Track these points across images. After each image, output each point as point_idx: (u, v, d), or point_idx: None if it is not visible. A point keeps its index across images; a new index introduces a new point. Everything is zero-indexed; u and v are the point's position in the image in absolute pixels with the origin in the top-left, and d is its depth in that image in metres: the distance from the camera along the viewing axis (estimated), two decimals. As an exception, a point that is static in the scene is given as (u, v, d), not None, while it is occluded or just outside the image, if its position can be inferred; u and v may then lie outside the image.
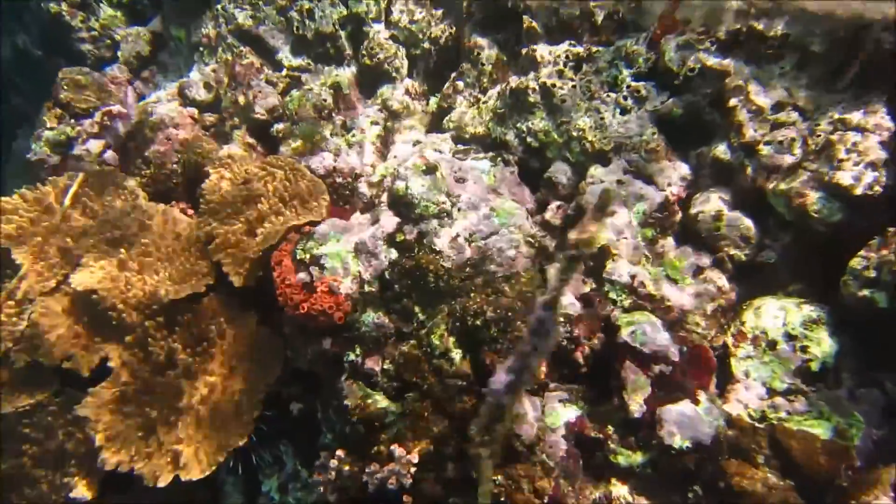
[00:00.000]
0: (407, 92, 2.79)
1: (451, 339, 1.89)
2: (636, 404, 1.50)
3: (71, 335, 2.50)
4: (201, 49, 3.11)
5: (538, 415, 1.63)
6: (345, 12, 2.88)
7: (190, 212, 2.79)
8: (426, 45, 2.79)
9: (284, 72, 2.90)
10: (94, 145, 2.97)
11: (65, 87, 3.14)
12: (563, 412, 1.59)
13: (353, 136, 2.62)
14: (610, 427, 1.52)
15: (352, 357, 2.08)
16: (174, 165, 2.82)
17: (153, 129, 2.92)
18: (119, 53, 3.39)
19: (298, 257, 2.21)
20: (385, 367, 2.04)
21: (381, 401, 1.99)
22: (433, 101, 2.79)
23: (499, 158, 2.22)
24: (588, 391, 1.67)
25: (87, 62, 3.46)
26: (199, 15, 3.17)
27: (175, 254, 2.60)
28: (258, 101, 2.79)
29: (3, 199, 2.78)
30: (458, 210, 2.09)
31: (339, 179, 2.53)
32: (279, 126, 2.76)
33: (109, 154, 2.96)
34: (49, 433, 2.49)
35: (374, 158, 2.56)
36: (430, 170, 2.14)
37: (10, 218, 2.70)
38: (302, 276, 2.16)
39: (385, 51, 2.78)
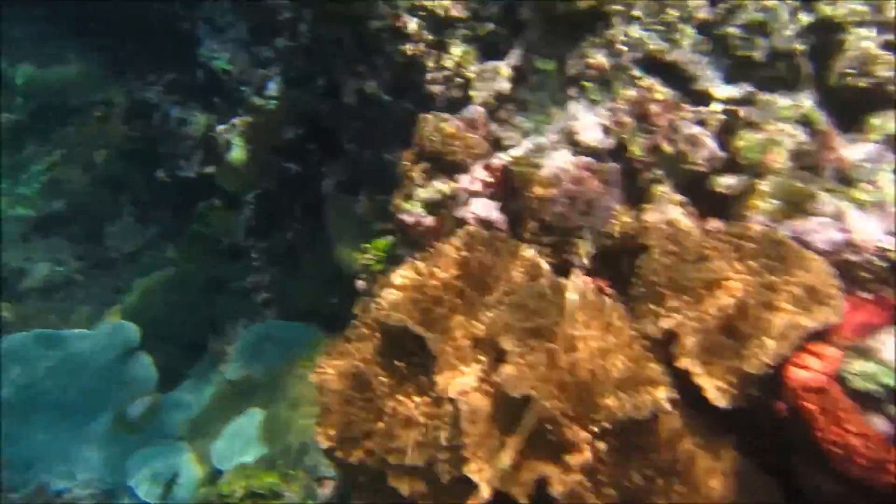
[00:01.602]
0: (917, 122, 1.99)
1: None
2: None
3: (497, 447, 2.14)
4: (584, 83, 2.60)
5: None
6: (809, 20, 2.16)
7: (610, 290, 2.28)
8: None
9: (717, 106, 2.26)
10: (480, 205, 2.60)
11: (431, 138, 2.83)
12: None
13: (864, 191, 1.89)
14: None
15: None
16: (584, 232, 2.33)
17: (545, 186, 2.47)
18: (473, 93, 3.03)
19: (855, 386, 1.55)
20: None
21: None
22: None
23: None
24: None
25: (436, 105, 3.16)
26: (576, 43, 2.66)
27: (610, 351, 2.11)
28: (692, 148, 2.19)
29: (398, 272, 2.52)
30: None
31: (853, 257, 1.82)
32: (727, 181, 2.13)
33: (497, 216, 2.57)
34: (474, 558, 2.16)
35: (908, 226, 1.80)
36: None
37: (412, 297, 2.43)
38: (877, 422, 1.49)
39: (885, 64, 2.00)
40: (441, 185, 2.77)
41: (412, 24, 2.98)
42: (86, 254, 7.03)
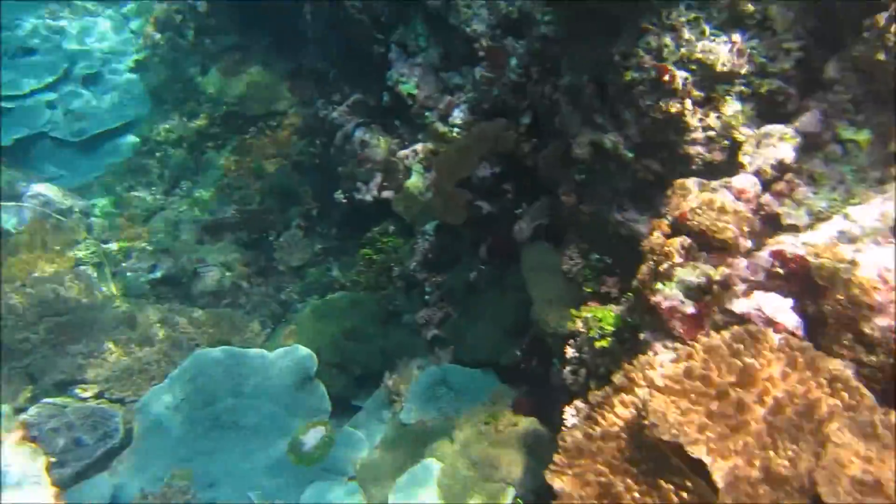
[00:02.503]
0: None
1: None
2: None
3: None
4: (920, 164, 2.10)
5: None
6: None
7: (971, 443, 1.79)
8: None
9: None
10: (767, 301, 2.19)
11: (697, 210, 2.45)
12: None
13: None
14: None
15: None
16: (929, 359, 1.85)
17: (867, 291, 2.00)
18: (743, 159, 2.61)
19: None
20: None
21: None
22: None
23: None
24: None
25: (691, 168, 2.78)
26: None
27: None
28: None
29: (662, 371, 2.16)
30: None
31: None
32: None
33: (790, 317, 2.15)
34: None
35: None
36: None
37: (680, 405, 2.06)
38: None
39: None
40: (708, 269, 2.38)
41: (679, 79, 2.62)
42: (252, 261, 7.29)
